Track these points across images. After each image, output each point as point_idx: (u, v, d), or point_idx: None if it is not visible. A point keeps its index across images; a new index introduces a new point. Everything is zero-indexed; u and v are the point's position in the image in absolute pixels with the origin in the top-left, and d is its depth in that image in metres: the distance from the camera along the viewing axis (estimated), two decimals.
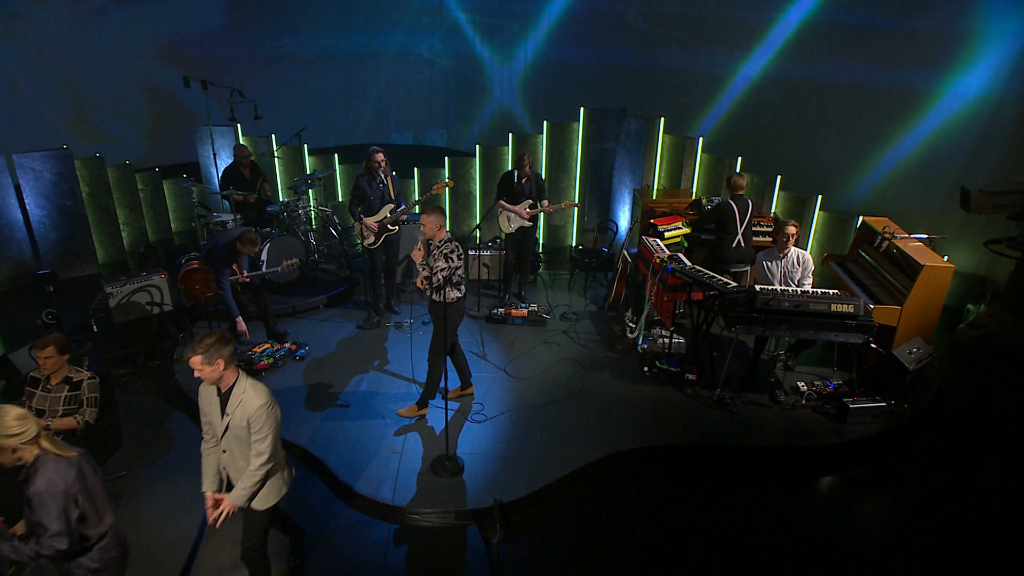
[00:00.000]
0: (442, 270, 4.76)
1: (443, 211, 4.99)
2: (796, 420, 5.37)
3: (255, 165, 7.98)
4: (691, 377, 5.81)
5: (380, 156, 6.52)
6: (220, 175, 7.97)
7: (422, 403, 5.27)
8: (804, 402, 5.54)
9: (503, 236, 7.36)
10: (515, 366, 6.10)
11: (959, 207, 6.58)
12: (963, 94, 7.51)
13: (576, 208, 9.00)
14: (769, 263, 5.83)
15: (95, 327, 6.31)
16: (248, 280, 6.10)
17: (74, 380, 4.06)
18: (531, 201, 6.90)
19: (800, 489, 4.92)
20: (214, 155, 8.52)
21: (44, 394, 4.01)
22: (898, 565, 4.24)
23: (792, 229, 5.65)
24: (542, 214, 7.18)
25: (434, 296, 4.81)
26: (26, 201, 7.73)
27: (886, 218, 6.59)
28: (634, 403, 5.54)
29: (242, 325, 6.05)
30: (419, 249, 4.96)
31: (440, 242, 4.87)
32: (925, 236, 6.16)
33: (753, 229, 6.54)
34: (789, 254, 5.74)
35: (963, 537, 4.47)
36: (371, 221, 6.55)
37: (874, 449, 5.23)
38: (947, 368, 6.37)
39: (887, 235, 6.14)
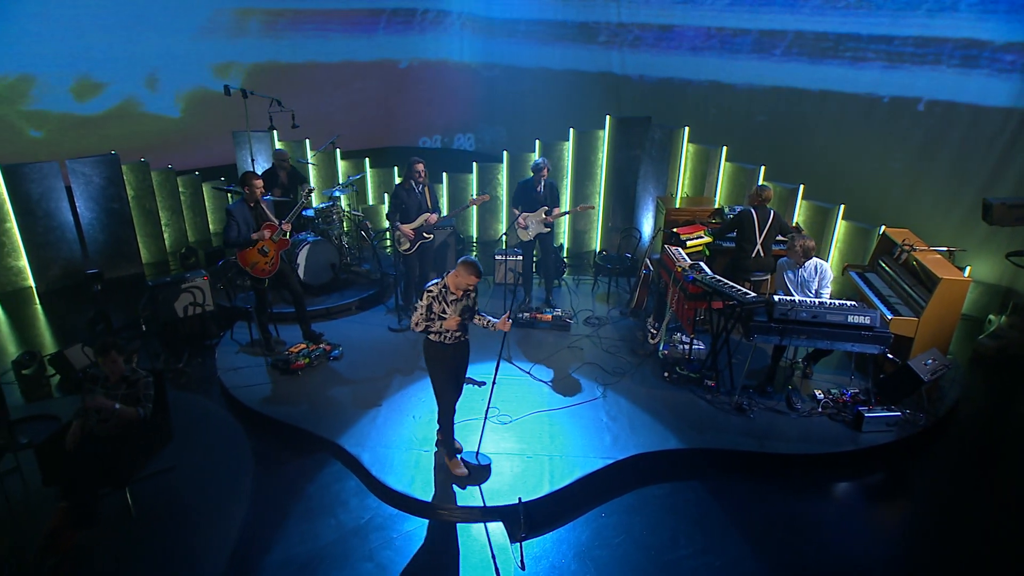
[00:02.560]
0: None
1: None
2: (812, 427, 5.53)
3: (293, 169, 8.33)
4: (710, 383, 5.99)
5: (420, 167, 6.80)
6: None
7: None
8: (820, 410, 5.69)
9: (522, 243, 7.59)
10: (539, 369, 6.33)
11: (982, 219, 6.66)
12: (987, 105, 7.54)
13: (592, 210, 9.19)
14: (788, 272, 5.99)
15: (143, 326, 6.68)
16: (290, 228, 6.24)
17: (131, 379, 4.38)
18: (546, 208, 7.12)
19: (815, 494, 5.08)
20: (252, 160, 8.88)
21: (104, 392, 4.33)
22: (911, 573, 4.40)
23: (803, 245, 5.80)
24: (562, 219, 7.40)
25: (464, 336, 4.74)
26: (76, 204, 8.18)
27: (907, 230, 6.70)
28: (654, 407, 5.74)
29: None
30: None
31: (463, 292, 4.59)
32: (944, 248, 6.26)
33: (778, 238, 6.69)
34: (807, 264, 5.89)
35: (977, 548, 4.59)
36: (407, 228, 6.82)
37: (889, 457, 5.36)
38: (966, 378, 6.46)
39: (906, 247, 6.25)
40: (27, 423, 4.89)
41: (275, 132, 9.19)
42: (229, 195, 8.39)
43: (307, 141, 9.61)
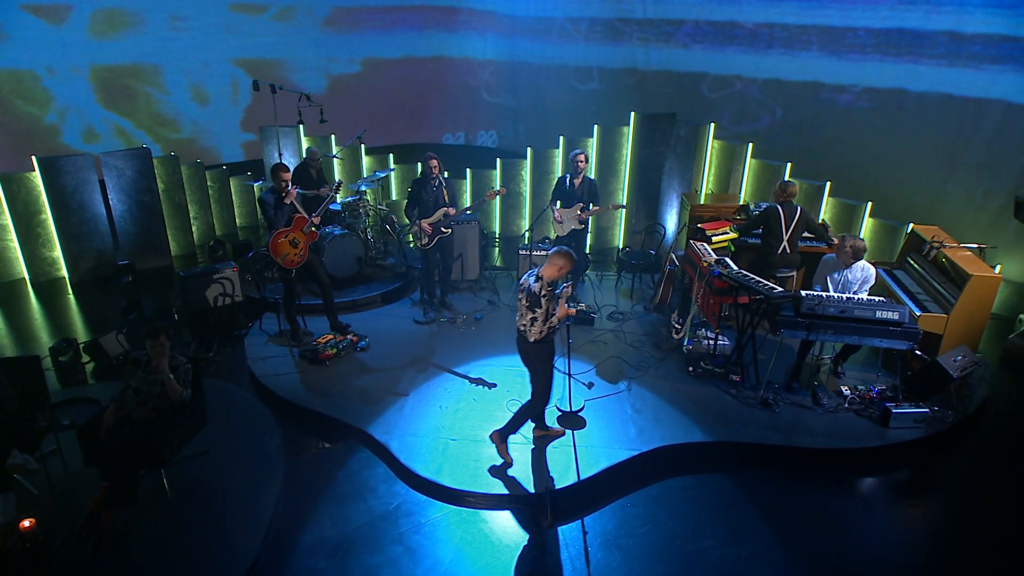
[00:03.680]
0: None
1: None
2: (838, 422, 5.55)
3: (322, 168, 8.51)
4: (735, 378, 6.03)
5: (434, 162, 6.91)
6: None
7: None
8: (847, 406, 5.71)
9: (553, 238, 7.67)
10: (563, 362, 6.39)
11: (1013, 217, 6.64)
12: (1018, 102, 7.50)
13: (623, 210, 9.27)
14: (834, 273, 5.97)
15: (176, 315, 6.87)
16: (319, 221, 6.40)
17: (172, 365, 4.54)
18: (582, 204, 7.20)
19: (841, 489, 5.11)
20: (279, 154, 9.04)
21: (144, 375, 4.49)
22: (936, 571, 4.41)
23: (854, 246, 5.77)
24: (591, 217, 7.49)
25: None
26: (109, 197, 8.38)
27: (936, 227, 6.69)
28: (678, 401, 5.80)
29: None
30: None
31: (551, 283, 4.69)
32: (975, 245, 6.25)
33: (804, 235, 6.70)
34: (855, 265, 5.88)
35: (1003, 548, 4.59)
36: (425, 223, 6.94)
37: (916, 454, 5.38)
38: (996, 377, 6.44)
39: (935, 244, 6.25)
40: (68, 406, 5.06)
41: (302, 127, 9.37)
42: (254, 187, 8.56)
43: (332, 137, 9.77)
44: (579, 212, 7.21)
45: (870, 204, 7.46)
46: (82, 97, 11.06)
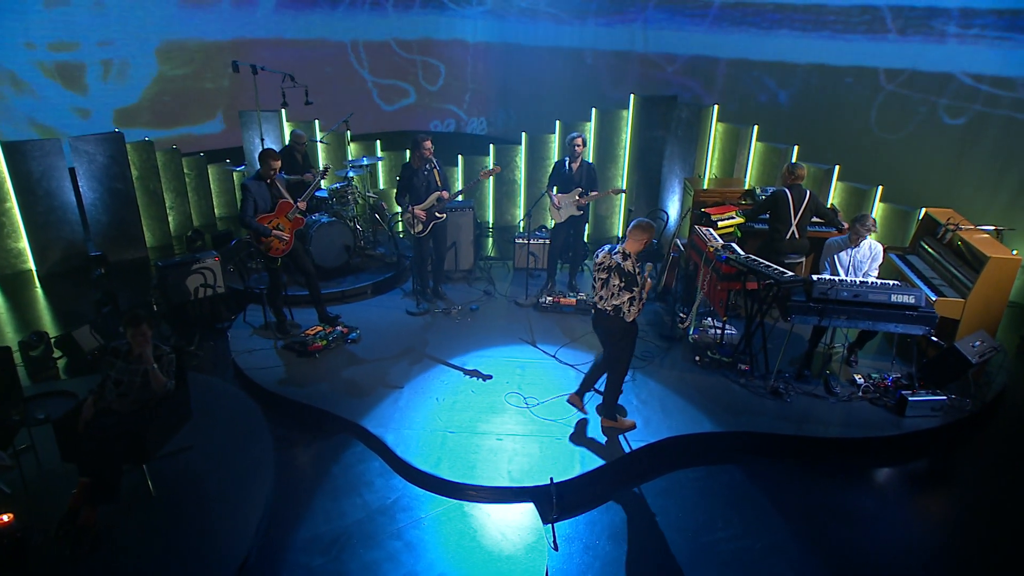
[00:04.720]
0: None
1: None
2: (852, 412, 5.59)
3: (307, 153, 8.47)
4: (744, 367, 6.06)
5: (428, 143, 6.87)
6: None
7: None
8: (861, 394, 5.76)
9: (550, 225, 7.67)
10: (565, 353, 6.41)
11: None
12: None
13: (623, 195, 9.29)
14: (840, 254, 6.03)
15: (155, 307, 6.81)
16: (305, 207, 6.37)
17: (155, 355, 4.49)
18: (581, 190, 7.21)
19: (856, 480, 5.15)
20: (261, 140, 8.97)
21: (125, 365, 4.44)
22: (955, 562, 4.46)
23: (873, 223, 5.88)
24: (591, 203, 7.50)
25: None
26: (79, 184, 8.28)
27: (951, 209, 6.75)
28: (685, 391, 5.82)
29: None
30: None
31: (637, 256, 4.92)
32: (992, 228, 6.32)
33: (813, 220, 6.74)
34: (862, 244, 5.96)
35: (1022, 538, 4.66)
36: (419, 210, 6.91)
37: (934, 443, 5.43)
38: (1013, 367, 6.51)
39: (951, 226, 6.31)
40: (42, 399, 5.00)
41: (284, 111, 9.31)
42: (234, 174, 8.49)
43: (317, 122, 9.72)
44: (577, 198, 7.22)
45: (880, 188, 7.53)
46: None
